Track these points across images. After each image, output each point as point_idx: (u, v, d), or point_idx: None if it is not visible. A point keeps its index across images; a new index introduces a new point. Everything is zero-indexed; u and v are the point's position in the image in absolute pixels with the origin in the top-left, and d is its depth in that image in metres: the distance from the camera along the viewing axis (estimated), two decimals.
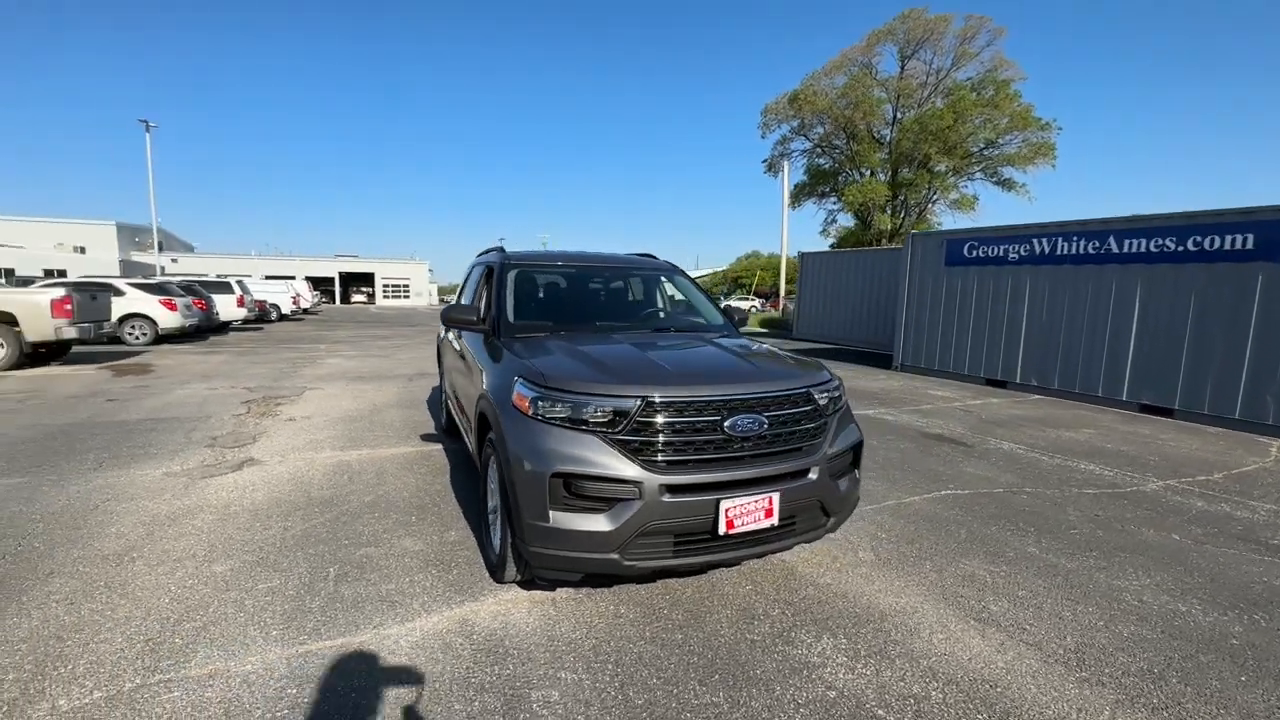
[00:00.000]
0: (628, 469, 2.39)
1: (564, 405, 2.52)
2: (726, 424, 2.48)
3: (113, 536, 3.63)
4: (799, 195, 36.60)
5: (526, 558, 2.62)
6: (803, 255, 20.30)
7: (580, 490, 2.43)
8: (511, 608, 2.89)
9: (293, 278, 37.50)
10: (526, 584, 3.04)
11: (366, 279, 65.30)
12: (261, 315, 23.20)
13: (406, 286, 66.14)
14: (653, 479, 2.39)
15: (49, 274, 25.79)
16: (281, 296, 25.78)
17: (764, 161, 36.03)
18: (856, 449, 3.06)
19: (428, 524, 3.91)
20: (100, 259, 42.56)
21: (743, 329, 4.26)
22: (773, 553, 3.02)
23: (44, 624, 2.69)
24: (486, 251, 5.05)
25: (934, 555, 3.64)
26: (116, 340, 15.20)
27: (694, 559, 2.54)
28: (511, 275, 4.13)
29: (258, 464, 5.17)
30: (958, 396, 9.56)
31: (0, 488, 4.41)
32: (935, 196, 31.25)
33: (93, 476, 4.74)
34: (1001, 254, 10.45)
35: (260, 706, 2.19)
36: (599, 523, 2.40)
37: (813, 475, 2.68)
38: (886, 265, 15.52)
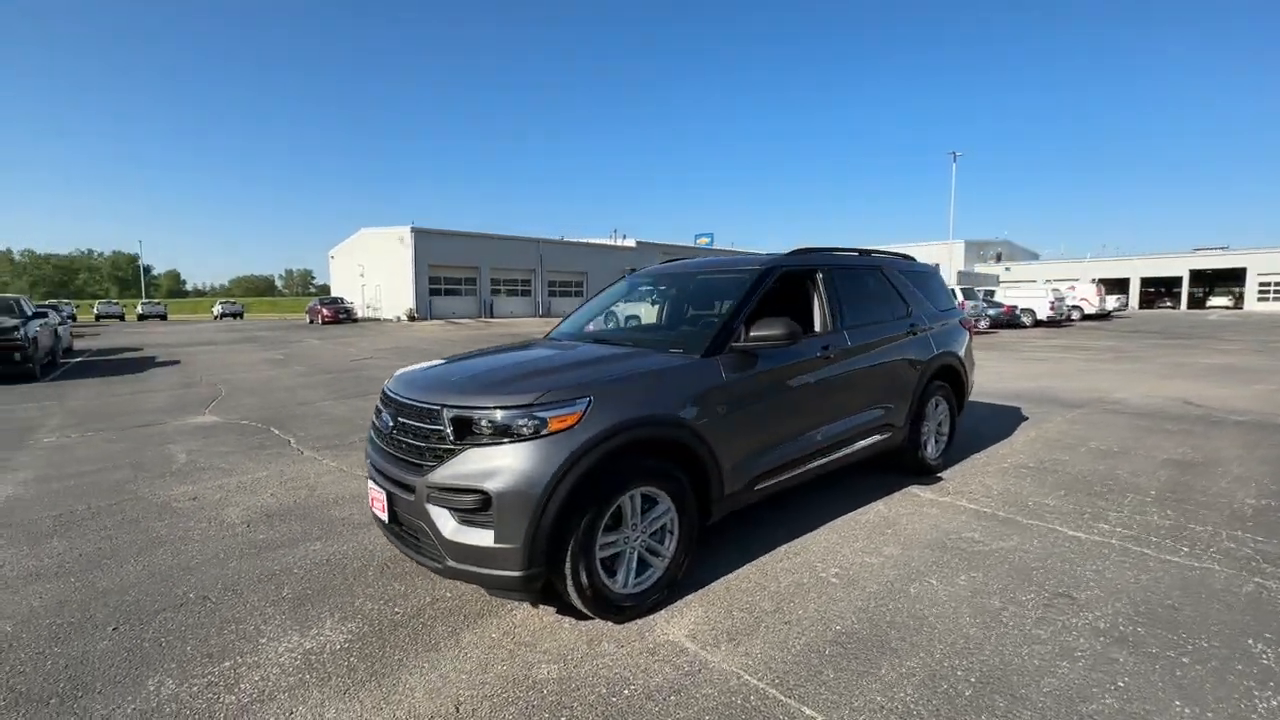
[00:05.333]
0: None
1: None
2: (381, 416, 2.81)
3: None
4: None
5: None
6: None
7: None
8: None
9: (1077, 280, 33.13)
10: None
11: (1233, 276, 48.44)
12: (1010, 320, 21.30)
13: None
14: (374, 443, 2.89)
15: None
16: (1037, 302, 22.56)
17: None
18: (487, 498, 2.22)
19: None
20: (946, 270, 42.78)
21: None
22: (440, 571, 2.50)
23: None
24: None
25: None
26: None
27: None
28: (613, 284, 4.33)
29: None
30: None
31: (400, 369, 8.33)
32: None
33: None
34: None
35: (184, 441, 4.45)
36: None
37: (410, 496, 2.43)
38: None
